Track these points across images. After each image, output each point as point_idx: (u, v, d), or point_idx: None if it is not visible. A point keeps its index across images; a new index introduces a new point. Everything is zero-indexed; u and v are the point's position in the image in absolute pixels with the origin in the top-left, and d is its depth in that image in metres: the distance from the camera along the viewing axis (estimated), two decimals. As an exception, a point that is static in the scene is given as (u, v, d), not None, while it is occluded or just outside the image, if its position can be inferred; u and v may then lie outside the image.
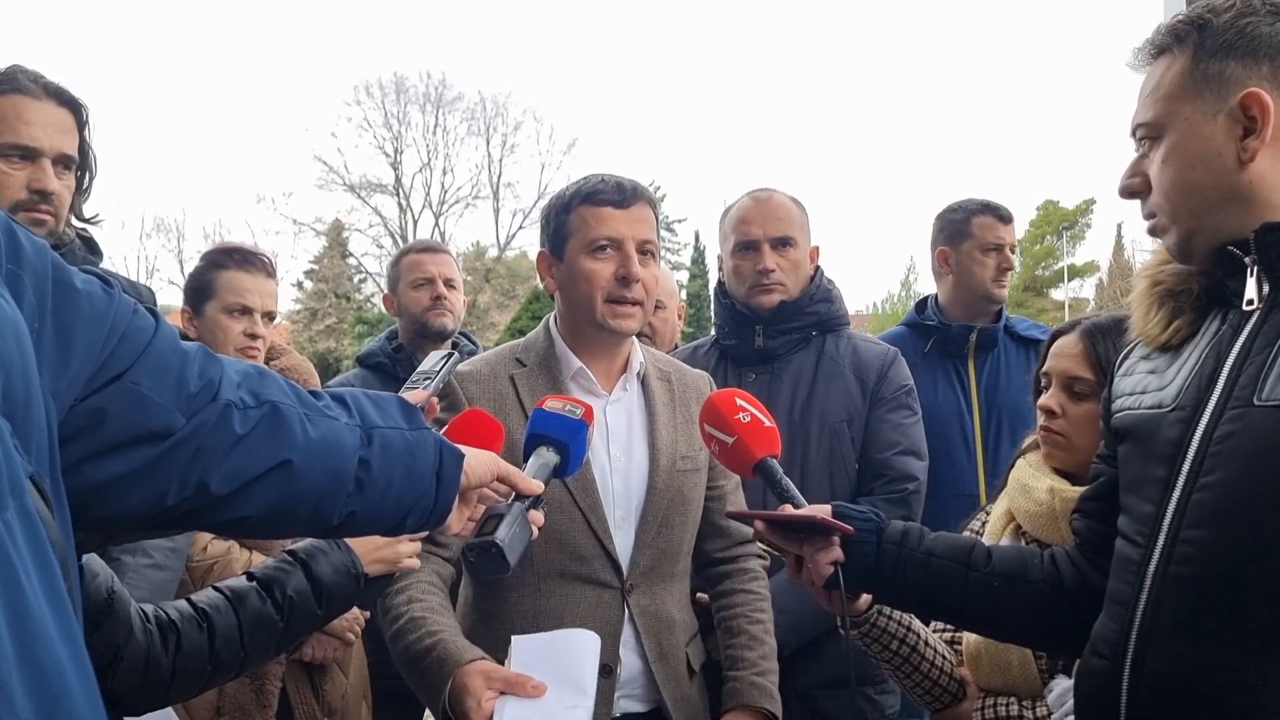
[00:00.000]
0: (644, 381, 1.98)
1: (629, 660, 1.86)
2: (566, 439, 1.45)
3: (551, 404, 1.50)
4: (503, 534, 1.26)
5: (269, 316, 2.40)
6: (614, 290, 1.86)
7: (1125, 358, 1.40)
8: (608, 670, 1.82)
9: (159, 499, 0.94)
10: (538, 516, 1.35)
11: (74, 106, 1.94)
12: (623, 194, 1.88)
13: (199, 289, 2.37)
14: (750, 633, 1.94)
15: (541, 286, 2.03)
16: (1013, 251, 2.98)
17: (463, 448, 1.23)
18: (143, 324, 0.94)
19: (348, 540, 1.51)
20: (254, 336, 2.34)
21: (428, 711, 3.15)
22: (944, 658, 1.81)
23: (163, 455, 0.93)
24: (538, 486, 1.35)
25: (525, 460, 1.44)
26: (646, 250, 1.89)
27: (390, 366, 3.11)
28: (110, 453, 0.90)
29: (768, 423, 1.65)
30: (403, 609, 1.75)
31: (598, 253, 1.86)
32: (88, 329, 0.87)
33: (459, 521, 1.27)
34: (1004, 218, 2.99)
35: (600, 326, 1.88)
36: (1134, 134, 1.31)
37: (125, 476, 0.91)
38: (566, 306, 1.94)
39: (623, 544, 1.87)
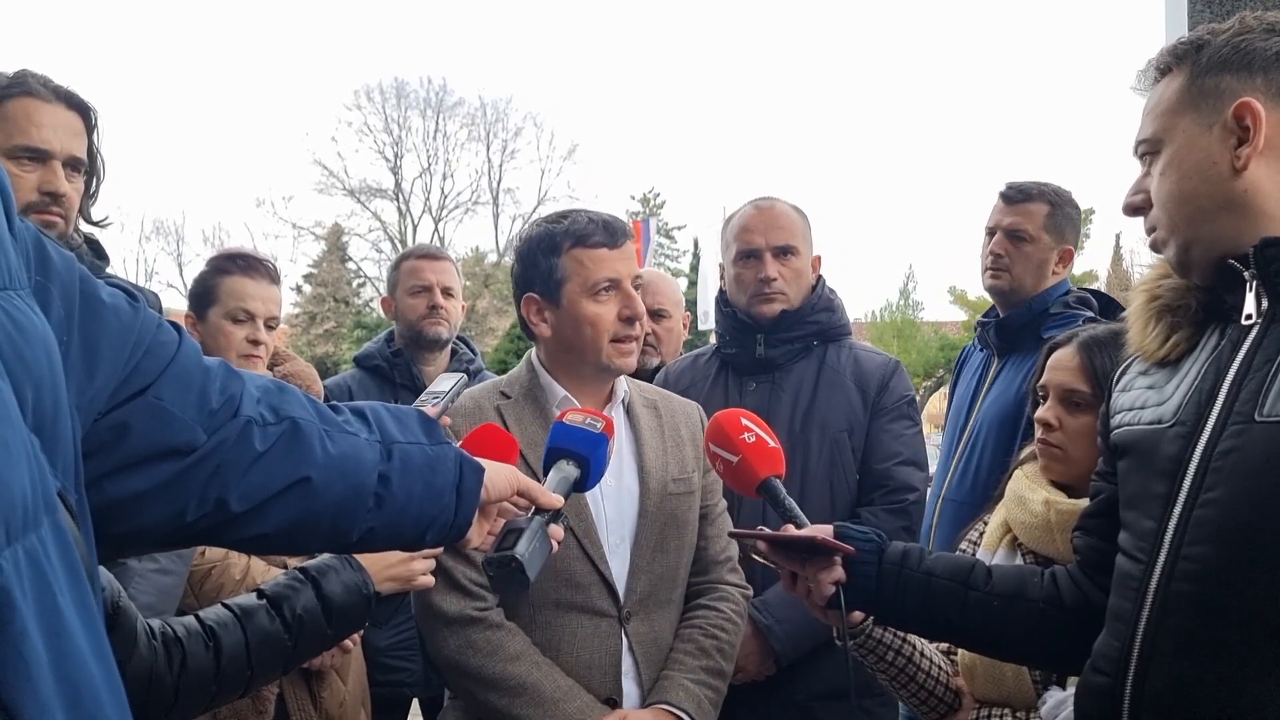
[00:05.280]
0: (629, 409, 1.99)
1: (630, 691, 1.84)
2: (587, 453, 1.43)
3: (572, 417, 1.48)
4: (523, 549, 1.25)
5: (272, 322, 2.40)
6: (620, 330, 1.87)
7: (1123, 373, 1.40)
8: (612, 704, 1.81)
9: (178, 515, 0.94)
10: (557, 531, 1.34)
11: (83, 110, 1.95)
12: (613, 235, 1.88)
13: (202, 294, 2.37)
14: (699, 642, 1.91)
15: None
16: (1008, 233, 2.75)
17: (483, 461, 1.23)
18: (166, 339, 0.94)
19: (360, 558, 1.50)
20: (256, 343, 2.33)
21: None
22: (940, 668, 1.82)
23: (184, 471, 0.93)
24: (558, 501, 1.34)
25: (544, 474, 1.43)
26: (637, 285, 1.92)
27: (387, 370, 3.13)
28: (132, 468, 0.90)
29: (772, 443, 1.66)
30: (535, 675, 1.77)
31: (600, 295, 1.86)
32: (113, 343, 0.87)
33: (478, 536, 1.26)
34: (1004, 197, 2.81)
35: (605, 368, 1.90)
36: (1136, 151, 1.33)
37: (146, 493, 0.91)
38: (563, 349, 1.92)
39: (618, 570, 1.86)
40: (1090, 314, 2.65)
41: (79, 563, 0.70)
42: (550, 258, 1.88)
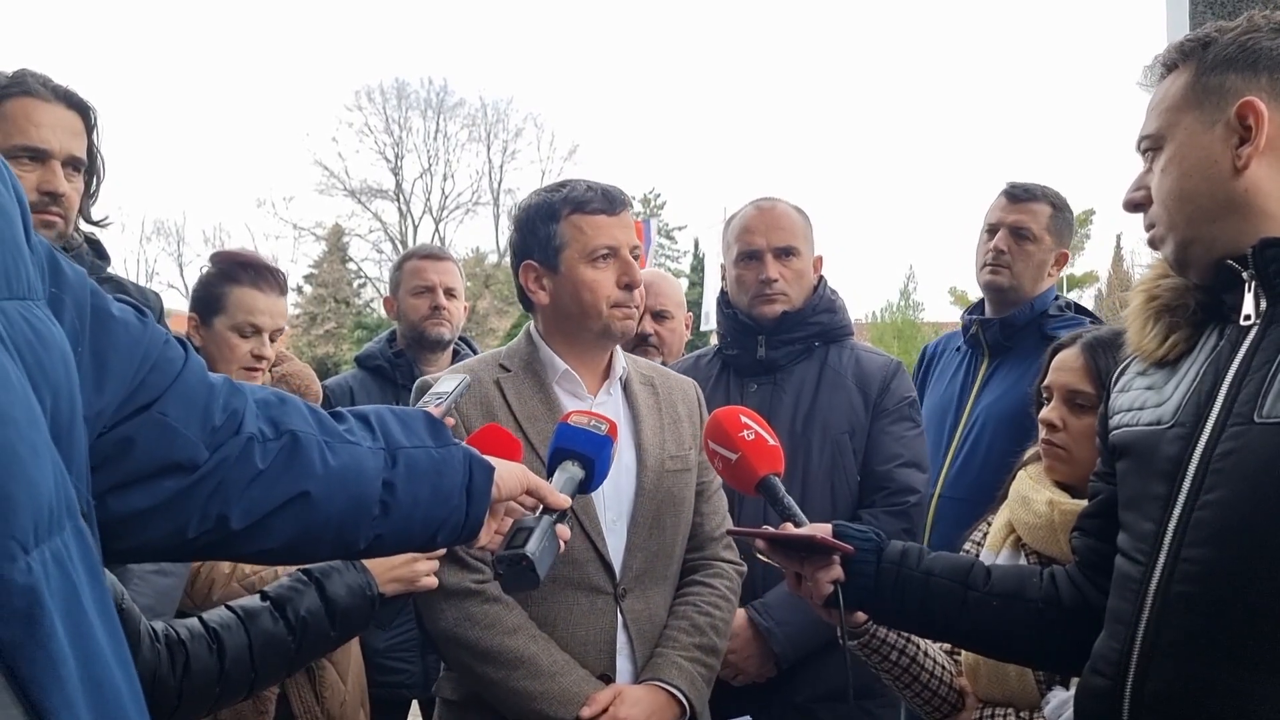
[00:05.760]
0: (626, 386, 2.00)
1: (623, 667, 1.86)
2: (592, 454, 1.45)
3: (577, 419, 1.50)
4: (533, 547, 1.25)
5: (277, 334, 2.38)
6: (619, 297, 1.88)
7: (1121, 373, 1.40)
8: (606, 680, 1.82)
9: (179, 532, 0.95)
10: (564, 530, 1.35)
11: (82, 109, 1.95)
12: (611, 202, 1.89)
13: (209, 300, 2.34)
14: (693, 620, 1.92)
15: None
16: (1013, 231, 2.77)
17: (492, 459, 1.23)
18: (173, 354, 0.95)
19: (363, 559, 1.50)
20: (260, 357, 2.32)
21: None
22: (943, 668, 1.82)
23: (186, 489, 0.93)
24: (566, 501, 1.35)
25: (549, 475, 1.44)
26: (635, 254, 1.92)
27: (389, 370, 3.13)
28: (135, 484, 0.90)
29: (771, 441, 1.66)
30: (533, 648, 1.79)
31: (598, 261, 1.87)
32: (122, 356, 0.88)
33: (486, 535, 1.27)
34: (1009, 196, 2.83)
35: (606, 333, 1.90)
36: (1138, 147, 1.33)
37: (148, 509, 0.91)
38: (562, 316, 1.93)
39: (614, 547, 1.87)
40: (1090, 318, 2.69)
41: (98, 565, 0.72)
42: (549, 224, 1.89)
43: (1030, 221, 2.77)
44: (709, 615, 1.93)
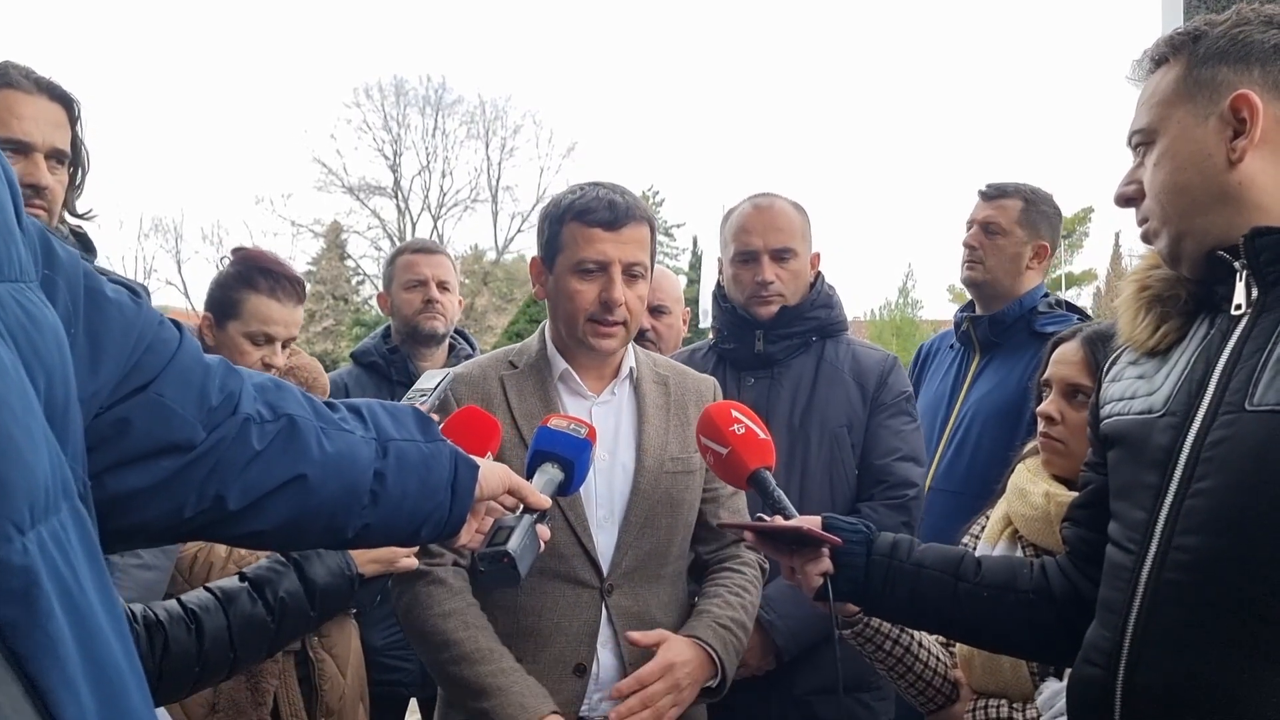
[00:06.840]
0: (636, 385, 1.99)
1: (606, 659, 1.86)
2: (571, 456, 1.47)
3: (556, 422, 1.52)
4: (514, 545, 1.27)
5: (289, 341, 2.38)
6: (596, 313, 1.86)
7: (1113, 363, 1.40)
8: (581, 670, 1.84)
9: (176, 511, 0.95)
10: (544, 531, 1.36)
11: (66, 101, 1.93)
12: (615, 214, 1.85)
13: (224, 303, 2.33)
14: (725, 597, 1.94)
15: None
16: (983, 226, 2.86)
17: (477, 459, 1.25)
18: (168, 335, 0.95)
19: None
20: (269, 366, 2.32)
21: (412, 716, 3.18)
22: (937, 659, 1.82)
23: (183, 468, 0.94)
24: (546, 501, 1.37)
25: (528, 476, 1.46)
26: (634, 272, 1.89)
27: (384, 366, 3.11)
28: (132, 464, 0.91)
29: (762, 435, 1.66)
30: (460, 634, 1.78)
31: (583, 274, 1.86)
32: (116, 338, 0.88)
33: (468, 533, 1.28)
34: (982, 194, 2.93)
35: (581, 343, 1.90)
36: (1130, 142, 1.33)
37: (146, 489, 0.92)
38: (552, 317, 1.96)
39: (604, 544, 1.88)
40: (1080, 315, 2.72)
41: (97, 545, 0.72)
42: (555, 225, 1.91)
43: (998, 215, 2.86)
44: (739, 595, 1.97)
